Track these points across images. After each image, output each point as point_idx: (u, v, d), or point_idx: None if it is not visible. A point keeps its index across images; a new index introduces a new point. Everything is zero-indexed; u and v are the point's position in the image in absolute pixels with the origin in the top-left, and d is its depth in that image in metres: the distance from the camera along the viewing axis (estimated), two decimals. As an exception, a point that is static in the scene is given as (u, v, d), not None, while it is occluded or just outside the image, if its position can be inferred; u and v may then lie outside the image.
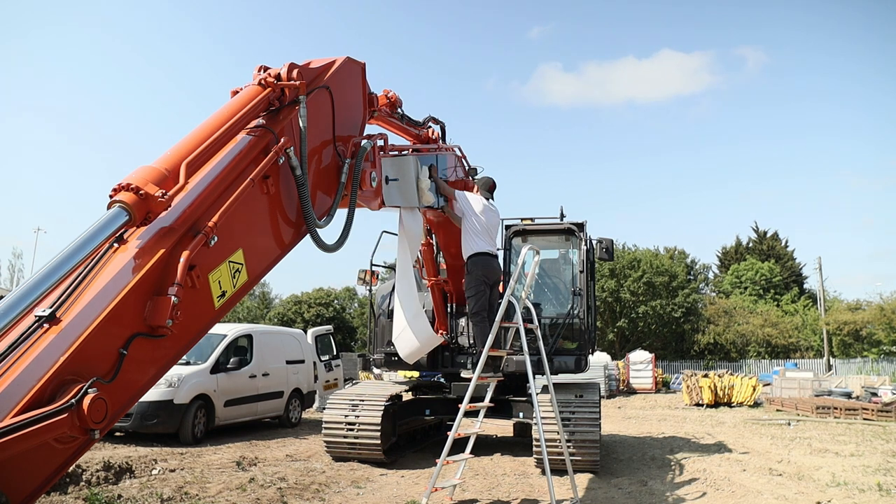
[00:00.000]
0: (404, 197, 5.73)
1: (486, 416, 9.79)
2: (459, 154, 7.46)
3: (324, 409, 10.09)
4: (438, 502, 6.72)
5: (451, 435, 5.83)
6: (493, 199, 7.14)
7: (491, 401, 9.49)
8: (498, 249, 8.97)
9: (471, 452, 6.59)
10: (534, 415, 6.83)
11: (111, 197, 2.55)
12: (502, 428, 12.47)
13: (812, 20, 69.94)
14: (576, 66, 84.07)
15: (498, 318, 5.98)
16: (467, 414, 6.20)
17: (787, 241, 54.73)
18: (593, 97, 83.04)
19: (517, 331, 6.14)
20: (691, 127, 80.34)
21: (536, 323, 6.51)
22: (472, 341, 7.18)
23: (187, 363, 10.72)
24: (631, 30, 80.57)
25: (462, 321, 9.20)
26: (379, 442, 8.27)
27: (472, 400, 6.12)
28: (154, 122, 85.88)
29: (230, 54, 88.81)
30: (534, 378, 6.11)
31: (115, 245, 2.61)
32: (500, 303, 6.14)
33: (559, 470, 7.33)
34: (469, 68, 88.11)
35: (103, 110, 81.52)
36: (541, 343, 6.46)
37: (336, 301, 49.73)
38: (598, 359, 23.58)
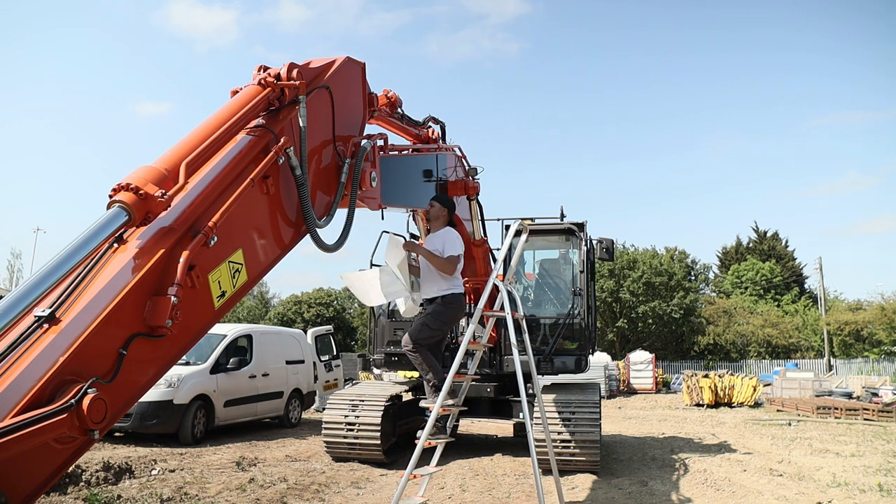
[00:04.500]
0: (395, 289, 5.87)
1: (485, 417, 9.85)
2: (459, 154, 7.45)
3: (324, 409, 10.09)
4: (439, 502, 6.72)
5: (420, 444, 4.93)
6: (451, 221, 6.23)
7: (491, 401, 9.57)
8: (497, 249, 9.01)
9: (472, 453, 6.47)
10: (522, 415, 6.32)
11: (111, 197, 2.54)
12: (502, 428, 12.47)
13: (812, 21, 69.96)
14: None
15: (469, 333, 5.29)
16: (442, 419, 5.50)
17: (787, 241, 54.78)
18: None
19: (507, 329, 5.37)
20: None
21: (521, 312, 5.77)
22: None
23: (187, 363, 10.71)
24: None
25: (462, 321, 9.19)
26: (379, 442, 8.27)
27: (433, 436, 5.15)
28: (154, 122, 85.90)
29: (230, 54, 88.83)
30: (524, 381, 5.33)
31: (115, 245, 2.61)
32: (487, 286, 5.31)
33: (559, 471, 7.32)
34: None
35: (103, 110, 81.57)
36: (526, 336, 5.74)
37: (336, 301, 49.74)
38: (599, 359, 23.58)
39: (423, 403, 5.84)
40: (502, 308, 5.39)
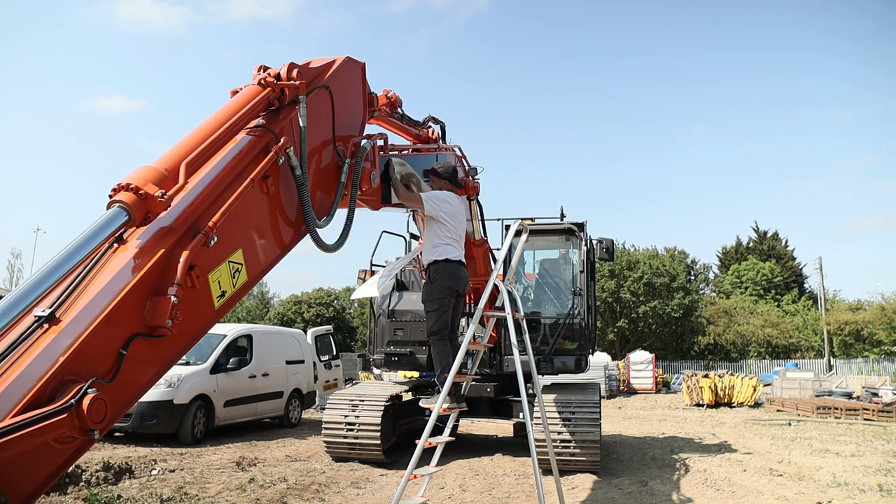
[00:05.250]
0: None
1: (485, 417, 9.85)
2: (459, 154, 7.45)
3: (324, 409, 10.09)
4: (439, 502, 6.72)
5: (420, 444, 4.86)
6: (456, 185, 5.91)
7: (491, 401, 9.57)
8: (497, 249, 9.00)
9: (472, 453, 6.49)
10: (522, 414, 6.34)
11: (111, 197, 2.54)
12: (502, 428, 12.47)
13: (811, 21, 70.07)
14: None
15: (470, 333, 5.21)
16: (442, 419, 5.45)
17: (787, 241, 54.76)
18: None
19: (507, 327, 5.33)
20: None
21: (522, 313, 5.76)
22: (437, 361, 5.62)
23: (187, 363, 10.71)
24: None
25: (462, 321, 9.19)
26: (379, 442, 8.27)
27: (433, 435, 4.97)
28: (154, 122, 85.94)
29: (230, 53, 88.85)
30: (524, 380, 5.30)
31: (115, 245, 2.61)
32: (487, 286, 5.34)
33: (560, 471, 7.33)
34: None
35: (103, 110, 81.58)
36: (526, 336, 5.73)
37: (336, 301, 49.74)
38: (599, 359, 23.58)
39: (422, 403, 5.74)
40: (502, 308, 5.35)
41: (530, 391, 6.54)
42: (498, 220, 9.61)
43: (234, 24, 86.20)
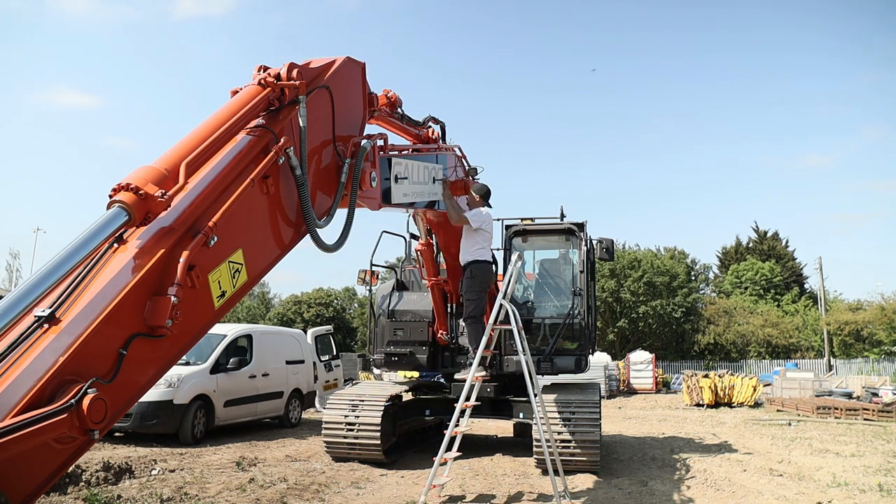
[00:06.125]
0: (417, 194, 5.85)
1: (486, 416, 9.86)
2: (459, 154, 7.46)
3: (323, 409, 10.08)
4: (439, 502, 6.72)
5: (449, 432, 6.08)
6: (487, 203, 7.55)
7: (491, 401, 9.56)
8: (497, 249, 9.04)
9: (472, 453, 6.67)
10: (533, 415, 6.86)
11: (111, 197, 2.55)
12: (502, 428, 12.47)
13: (812, 21, 70.09)
14: None
15: (491, 321, 6.44)
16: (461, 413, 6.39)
17: (787, 241, 54.75)
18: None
19: (510, 332, 6.53)
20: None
21: (519, 325, 6.65)
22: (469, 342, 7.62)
23: (187, 363, 10.70)
24: None
25: (462, 322, 9.19)
26: (379, 442, 8.26)
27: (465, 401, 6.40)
28: (154, 122, 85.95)
29: (230, 53, 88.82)
30: (531, 378, 6.22)
31: (115, 245, 2.61)
32: (495, 306, 6.54)
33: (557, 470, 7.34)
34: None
35: (103, 110, 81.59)
36: (518, 344, 6.66)
37: (336, 301, 49.75)
38: (599, 359, 23.56)
39: (457, 376, 7.64)
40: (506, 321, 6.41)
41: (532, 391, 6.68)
42: (498, 219, 9.61)
43: (179, 23, 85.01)
